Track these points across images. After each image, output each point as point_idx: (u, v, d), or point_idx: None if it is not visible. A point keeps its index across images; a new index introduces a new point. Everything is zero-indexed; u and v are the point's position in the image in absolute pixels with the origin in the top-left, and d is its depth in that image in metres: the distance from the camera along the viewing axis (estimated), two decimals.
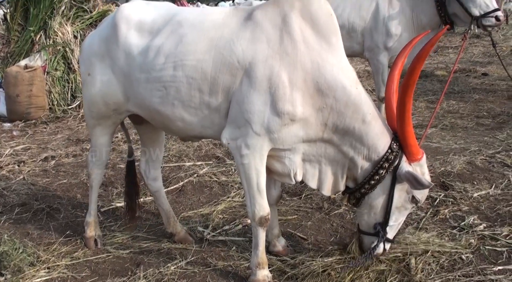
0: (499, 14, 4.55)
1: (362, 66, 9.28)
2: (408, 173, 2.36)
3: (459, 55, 4.75)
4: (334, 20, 2.46)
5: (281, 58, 2.34)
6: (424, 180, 2.33)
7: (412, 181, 2.35)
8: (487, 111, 5.94)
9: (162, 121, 2.71)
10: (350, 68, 2.45)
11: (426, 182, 2.34)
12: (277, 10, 2.43)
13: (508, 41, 12.06)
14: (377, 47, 4.97)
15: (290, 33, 2.36)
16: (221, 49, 2.43)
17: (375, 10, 4.91)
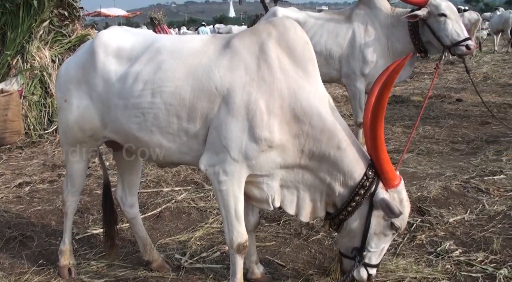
0: (469, 43, 4.67)
1: (340, 91, 9.44)
2: (382, 200, 2.35)
3: (433, 81, 4.87)
4: (310, 48, 2.51)
5: (258, 85, 2.37)
6: (395, 209, 2.31)
7: (385, 208, 2.34)
8: (462, 137, 6.07)
9: (139, 147, 2.70)
10: (326, 95, 2.50)
11: (397, 210, 2.31)
12: (254, 38, 2.48)
13: (481, 68, 12.45)
14: (354, 74, 5.06)
15: (267, 60, 2.41)
16: (200, 76, 2.45)
17: (352, 38, 5.02)
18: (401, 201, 2.42)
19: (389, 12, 4.96)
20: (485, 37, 22.01)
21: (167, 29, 14.65)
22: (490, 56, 15.13)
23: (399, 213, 2.32)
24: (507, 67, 12.15)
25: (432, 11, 4.69)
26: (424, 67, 13.29)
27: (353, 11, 5.11)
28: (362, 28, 4.98)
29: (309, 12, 5.50)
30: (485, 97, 8.51)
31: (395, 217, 2.35)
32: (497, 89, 9.38)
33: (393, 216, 2.34)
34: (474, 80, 10.43)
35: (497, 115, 6.99)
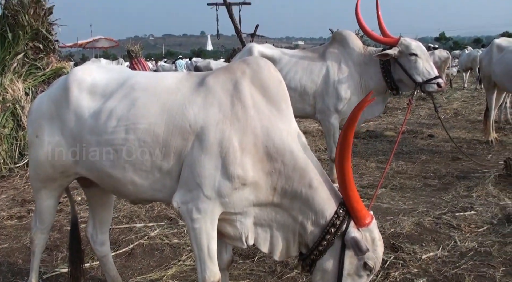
0: (440, 81, 4.85)
1: (315, 125, 9.56)
2: (352, 239, 2.32)
3: (405, 117, 4.98)
4: (283, 86, 2.56)
5: (232, 123, 2.40)
6: (363, 246, 2.28)
7: (354, 246, 2.31)
8: (434, 172, 6.18)
9: (112, 184, 2.67)
10: (299, 133, 2.53)
11: (364, 248, 2.28)
12: (228, 76, 2.52)
13: (451, 104, 12.80)
14: (328, 110, 5.15)
15: (241, 99, 2.44)
16: (174, 113, 2.46)
17: (326, 75, 5.14)
18: (373, 240, 2.38)
19: (361, 51, 5.13)
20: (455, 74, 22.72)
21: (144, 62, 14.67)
22: (460, 93, 15.61)
23: (366, 250, 2.28)
24: (476, 104, 12.52)
25: (403, 51, 4.87)
26: (397, 103, 13.60)
27: (327, 49, 5.25)
28: (336, 65, 5.11)
29: (284, 49, 5.61)
30: (456, 133, 8.75)
31: (362, 254, 2.30)
32: (467, 125, 9.64)
33: (361, 254, 2.30)
34: (445, 116, 10.78)
35: (467, 151, 7.19)
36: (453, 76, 21.44)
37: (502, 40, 7.92)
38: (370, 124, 10.09)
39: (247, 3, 13.25)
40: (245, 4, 13.18)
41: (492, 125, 7.87)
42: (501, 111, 9.33)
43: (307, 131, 9.24)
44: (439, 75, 4.94)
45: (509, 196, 5.01)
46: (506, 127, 9.18)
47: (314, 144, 8.06)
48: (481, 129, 8.27)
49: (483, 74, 8.29)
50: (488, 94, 8.09)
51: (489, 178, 5.47)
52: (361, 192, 5.31)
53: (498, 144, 7.67)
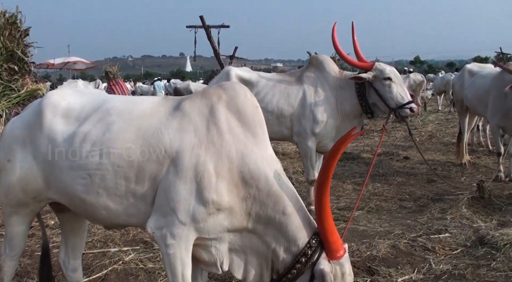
0: (413, 106, 4.93)
1: (293, 147, 9.60)
2: (320, 271, 2.29)
3: (381, 140, 5.05)
4: (259, 112, 2.58)
5: (207, 147, 2.40)
6: (328, 281, 2.24)
7: (320, 280, 2.28)
8: (409, 194, 6.26)
9: (85, 210, 2.62)
10: (274, 159, 2.53)
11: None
12: (204, 101, 2.53)
13: (426, 126, 13.04)
14: (305, 133, 5.19)
15: (216, 123, 2.45)
16: (149, 138, 2.46)
17: (303, 98, 5.19)
18: (343, 274, 2.34)
19: (337, 75, 5.20)
20: (429, 97, 23.25)
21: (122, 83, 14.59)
22: (435, 115, 15.91)
23: None
24: (450, 126, 12.77)
25: (377, 75, 4.95)
26: (373, 125, 13.78)
27: (303, 73, 5.32)
28: (312, 89, 5.17)
29: (261, 73, 5.67)
30: (430, 155, 8.90)
31: None
32: (441, 148, 9.82)
33: None
34: (420, 138, 10.97)
35: (441, 173, 7.32)
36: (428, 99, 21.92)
37: (473, 66, 8.16)
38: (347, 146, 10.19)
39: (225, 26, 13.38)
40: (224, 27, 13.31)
41: (465, 147, 8.04)
42: (474, 134, 9.53)
43: (285, 153, 9.28)
44: (412, 100, 5.03)
45: (482, 218, 5.10)
46: (478, 150, 9.39)
47: (292, 166, 8.09)
48: (455, 151, 8.43)
49: (455, 98, 8.50)
50: (461, 118, 8.29)
51: (462, 200, 5.56)
52: (338, 214, 5.34)
53: (471, 167, 7.83)
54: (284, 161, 8.58)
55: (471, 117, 8.31)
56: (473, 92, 7.52)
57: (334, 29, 5.16)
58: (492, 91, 6.90)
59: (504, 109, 6.65)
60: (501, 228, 4.65)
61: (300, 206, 2.45)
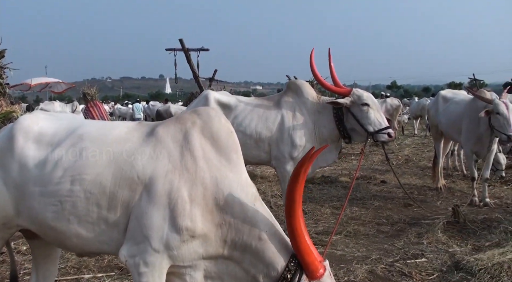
0: (390, 131, 5.02)
1: (272, 170, 9.59)
2: None
3: (359, 164, 5.11)
4: (234, 137, 2.58)
5: (181, 173, 2.38)
6: None
7: None
8: (386, 218, 6.29)
9: (56, 237, 2.56)
10: (249, 184, 2.51)
11: None
12: (179, 126, 2.52)
13: (403, 150, 13.19)
14: (283, 157, 5.21)
15: (190, 149, 2.44)
16: (122, 164, 2.43)
17: (281, 122, 5.22)
18: None
19: (315, 100, 5.27)
20: (406, 121, 23.66)
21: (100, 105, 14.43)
22: (411, 139, 16.17)
23: None
24: (426, 150, 12.96)
25: (355, 101, 5.03)
26: (351, 148, 13.88)
27: (281, 98, 5.36)
28: (291, 113, 5.21)
29: (240, 97, 5.70)
30: (407, 179, 8.99)
31: None
32: (418, 172, 9.93)
33: None
34: (396, 162, 11.08)
35: (417, 197, 7.39)
36: (405, 123, 22.29)
37: (447, 92, 8.35)
38: (325, 169, 10.21)
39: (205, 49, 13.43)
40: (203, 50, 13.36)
41: (440, 172, 8.15)
42: (449, 158, 9.68)
43: (263, 176, 9.26)
44: (389, 126, 5.12)
45: (458, 243, 5.14)
46: (454, 174, 9.51)
47: (270, 189, 8.07)
48: (431, 175, 8.53)
49: (430, 123, 8.66)
50: (436, 142, 8.43)
51: (438, 225, 5.60)
52: (316, 238, 5.33)
53: (446, 191, 7.93)
54: (262, 184, 8.55)
55: (446, 142, 8.46)
56: (447, 118, 7.67)
57: (312, 54, 5.26)
58: (465, 117, 7.05)
59: (477, 134, 6.80)
60: (476, 253, 4.69)
61: (275, 231, 2.43)
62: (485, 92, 6.93)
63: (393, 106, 16.55)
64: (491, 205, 6.80)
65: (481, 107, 6.49)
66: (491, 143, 6.72)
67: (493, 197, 7.23)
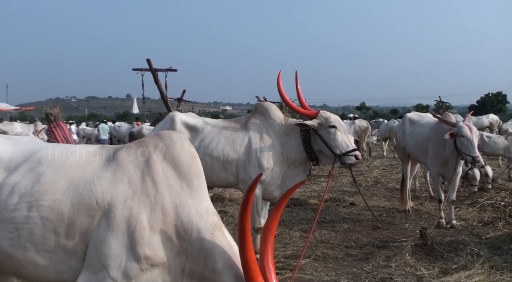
0: (357, 153, 5.09)
1: (241, 193, 9.57)
2: None
3: (327, 186, 5.14)
4: (196, 162, 2.56)
5: (141, 199, 2.35)
6: None
7: None
8: (355, 241, 6.32)
9: (12, 266, 2.47)
10: (210, 212, 2.47)
11: None
12: (140, 150, 2.51)
13: (372, 171, 13.39)
14: (250, 180, 5.18)
15: (151, 174, 2.41)
16: (80, 189, 2.39)
17: (248, 145, 5.22)
18: None
19: (282, 122, 5.31)
20: (375, 143, 24.09)
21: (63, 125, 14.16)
22: (380, 161, 16.44)
23: None
24: (395, 172, 13.19)
25: (322, 123, 5.10)
26: (321, 170, 14.00)
27: (249, 120, 5.39)
28: (258, 136, 5.23)
29: (207, 119, 5.69)
30: (375, 201, 9.11)
31: None
32: (386, 194, 10.07)
33: None
34: (365, 184, 11.23)
35: (386, 219, 7.48)
36: (373, 144, 22.69)
37: (414, 115, 8.54)
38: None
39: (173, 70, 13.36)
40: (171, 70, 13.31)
41: (408, 194, 8.28)
42: (416, 180, 9.86)
43: (232, 199, 9.22)
44: (357, 148, 5.20)
45: (425, 266, 5.20)
46: (421, 196, 9.69)
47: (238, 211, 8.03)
48: (399, 197, 8.66)
49: (398, 145, 8.83)
50: (403, 164, 8.59)
51: (406, 247, 5.66)
52: (285, 263, 5.31)
53: (414, 213, 8.05)
54: (230, 207, 8.51)
55: (413, 164, 8.62)
56: (414, 141, 7.83)
57: (279, 76, 5.31)
58: (431, 139, 7.22)
59: (443, 157, 6.96)
60: (443, 276, 4.76)
61: (233, 263, 2.36)
62: (450, 115, 7.13)
63: (362, 127, 16.88)
64: (457, 227, 6.94)
65: (446, 130, 6.66)
66: (456, 165, 6.88)
67: (459, 219, 7.39)
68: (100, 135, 21.29)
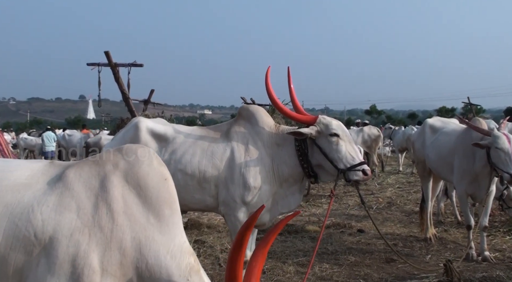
0: (366, 168, 5.03)
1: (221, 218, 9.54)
2: None
3: (328, 210, 5.12)
4: (169, 186, 2.53)
5: (92, 233, 2.30)
6: None
7: None
8: (364, 278, 6.32)
9: None
10: (185, 251, 2.45)
11: None
12: (95, 169, 2.46)
13: (385, 191, 13.44)
14: (233, 201, 5.17)
15: (108, 201, 2.37)
16: (16, 219, 2.34)
17: (230, 158, 5.19)
18: None
19: (273, 130, 5.29)
20: (388, 155, 24.19)
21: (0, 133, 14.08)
22: (395, 177, 16.53)
23: None
24: (413, 191, 13.26)
25: (322, 130, 5.08)
26: (321, 188, 14.05)
27: (231, 127, 5.37)
28: (243, 147, 5.21)
29: (179, 126, 5.66)
30: (389, 228, 9.14)
31: None
32: (402, 218, 10.11)
33: None
34: (377, 206, 11.28)
35: (402, 250, 7.49)
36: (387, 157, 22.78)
37: (436, 120, 8.54)
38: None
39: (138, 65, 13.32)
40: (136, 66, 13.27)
41: (429, 218, 8.29)
42: (440, 201, 9.89)
43: (211, 226, 9.19)
44: (364, 161, 5.19)
45: None
46: (446, 221, 9.73)
47: (219, 242, 8.01)
48: (419, 223, 8.67)
49: (416, 158, 8.84)
50: (423, 182, 8.61)
51: None
52: None
53: (437, 242, 8.07)
54: (209, 235, 8.48)
55: (435, 182, 8.64)
56: (436, 152, 7.84)
57: (267, 74, 5.30)
58: (458, 151, 7.19)
59: (472, 173, 6.92)
60: None
61: None
62: (481, 121, 7.07)
63: (372, 136, 16.96)
64: (491, 260, 6.94)
65: (476, 139, 6.63)
66: (489, 183, 6.83)
67: (493, 250, 7.42)
68: (45, 146, 21.14)
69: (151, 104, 16.17)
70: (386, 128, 23.58)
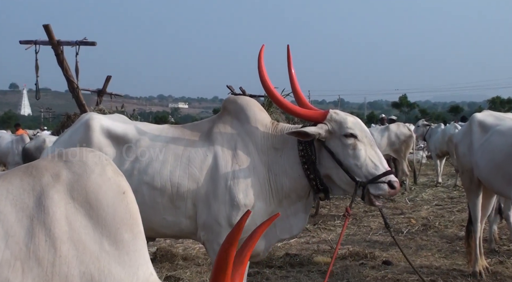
0: (393, 178, 4.94)
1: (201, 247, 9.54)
2: None
3: (341, 233, 5.10)
4: (128, 202, 2.53)
5: (26, 268, 2.30)
6: None
7: None
8: None
9: None
10: None
11: None
12: (29, 183, 2.45)
13: (419, 210, 13.47)
14: (217, 225, 5.14)
15: (46, 224, 2.36)
16: None
17: (213, 167, 5.15)
18: None
19: (269, 130, 5.26)
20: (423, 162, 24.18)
21: None
22: (432, 192, 16.53)
23: None
24: (456, 210, 13.27)
25: (334, 130, 5.04)
26: (334, 207, 14.05)
27: (214, 126, 5.32)
28: (229, 153, 5.18)
29: (145, 124, 5.64)
30: (425, 259, 9.15)
31: None
32: (443, 246, 10.10)
33: None
34: (408, 229, 11.29)
35: None
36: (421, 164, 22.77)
37: (487, 115, 8.44)
38: (292, 242, 10.25)
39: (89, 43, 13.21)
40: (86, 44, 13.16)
41: (479, 246, 8.28)
42: (493, 223, 9.86)
43: (187, 257, 9.22)
44: (390, 170, 5.15)
45: None
46: (502, 250, 9.71)
47: (199, 277, 8.03)
48: (465, 252, 8.67)
49: (461, 166, 8.82)
50: (470, 197, 8.56)
51: None
52: None
53: (490, 277, 8.06)
54: (186, 270, 8.50)
55: (487, 197, 8.60)
56: (487, 158, 7.81)
57: (261, 55, 5.28)
58: None
59: None
60: None
61: None
62: None
63: (401, 136, 16.93)
64: None
65: None
66: None
67: None
68: None
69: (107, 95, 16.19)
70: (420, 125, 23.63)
